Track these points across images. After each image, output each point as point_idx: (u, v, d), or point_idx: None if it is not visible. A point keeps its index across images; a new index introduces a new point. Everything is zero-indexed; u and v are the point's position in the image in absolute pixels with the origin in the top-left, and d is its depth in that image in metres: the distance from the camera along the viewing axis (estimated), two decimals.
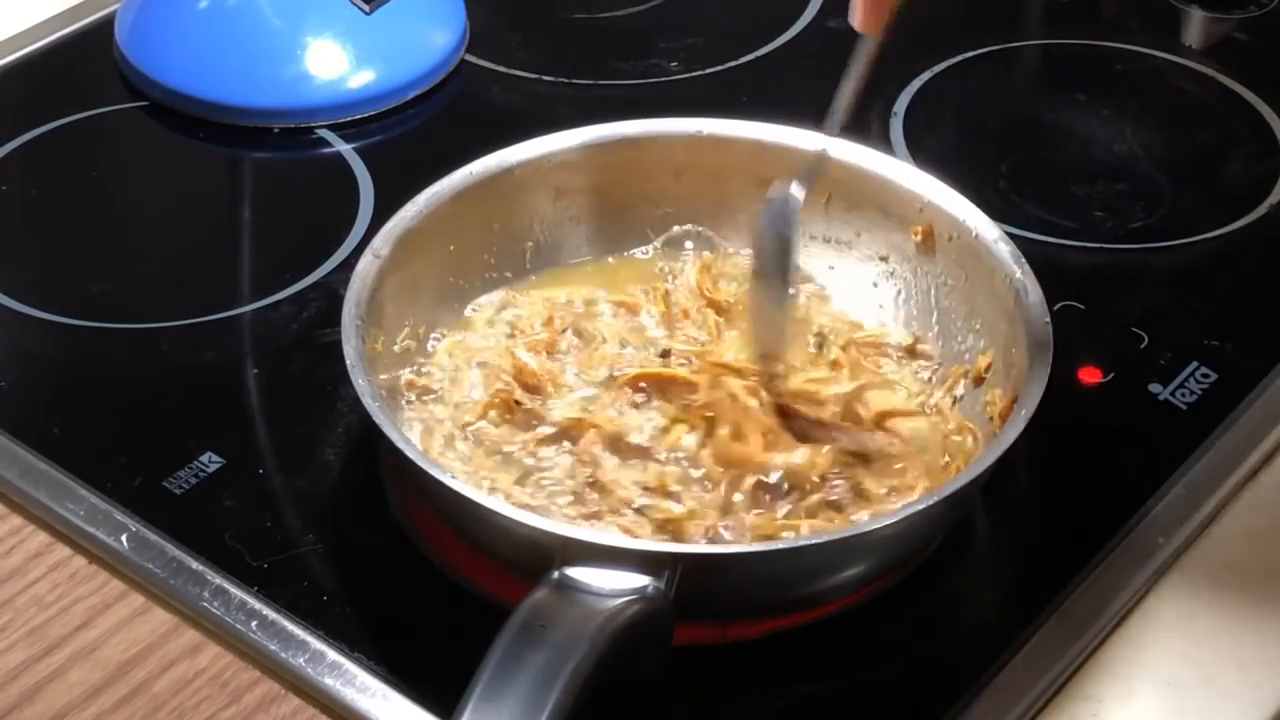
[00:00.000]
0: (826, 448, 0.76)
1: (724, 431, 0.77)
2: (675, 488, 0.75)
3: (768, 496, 0.75)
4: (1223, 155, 1.01)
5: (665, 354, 0.81)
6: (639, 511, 0.74)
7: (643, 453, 0.76)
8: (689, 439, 0.77)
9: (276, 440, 0.81)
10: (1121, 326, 0.88)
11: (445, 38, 1.06)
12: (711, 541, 0.73)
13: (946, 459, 0.77)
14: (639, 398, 0.79)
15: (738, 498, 0.75)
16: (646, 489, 0.75)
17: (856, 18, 0.77)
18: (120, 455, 0.80)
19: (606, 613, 0.64)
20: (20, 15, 1.08)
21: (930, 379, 0.82)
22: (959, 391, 0.80)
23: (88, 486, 0.78)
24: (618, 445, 0.77)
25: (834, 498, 0.75)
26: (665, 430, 0.77)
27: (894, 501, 0.75)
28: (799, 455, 0.76)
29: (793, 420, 0.78)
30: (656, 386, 0.79)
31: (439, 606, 0.74)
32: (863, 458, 0.77)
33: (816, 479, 0.75)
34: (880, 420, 0.79)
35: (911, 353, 0.83)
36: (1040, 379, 0.73)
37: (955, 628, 0.76)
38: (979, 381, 0.80)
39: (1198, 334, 0.87)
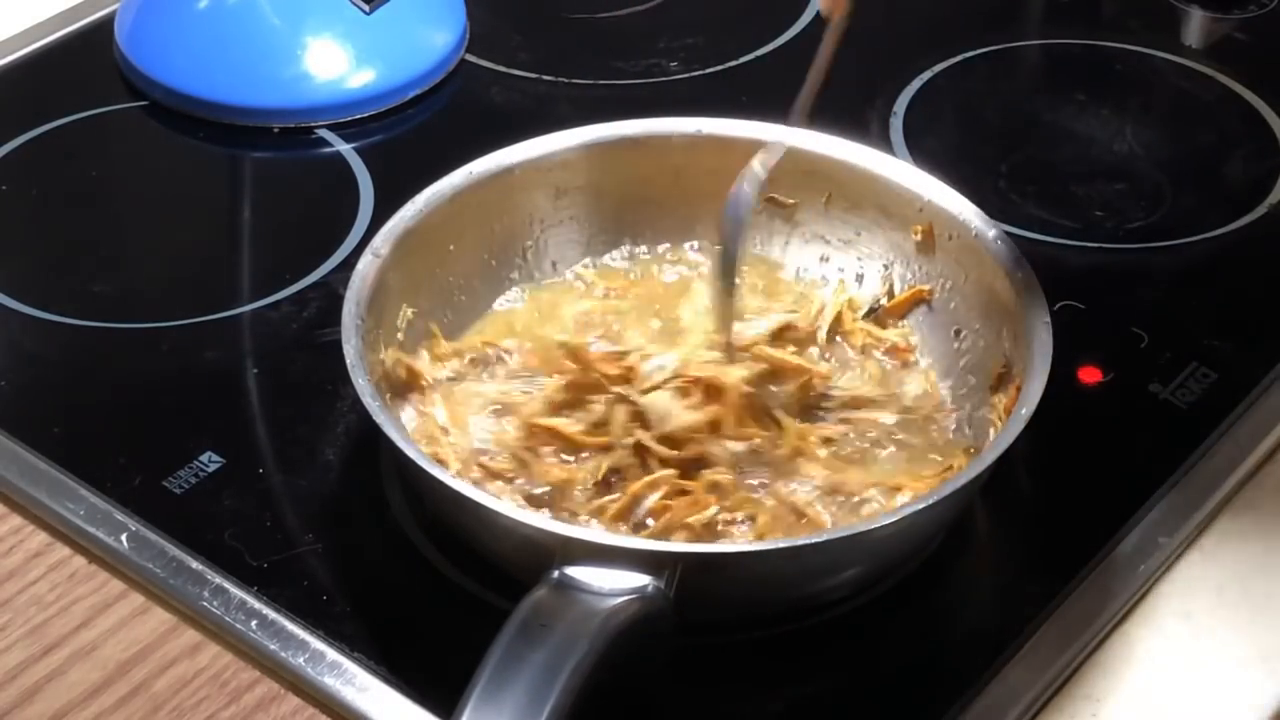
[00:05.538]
0: None
1: None
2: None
3: None
4: (1223, 155, 1.01)
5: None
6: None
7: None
8: None
9: (276, 440, 0.81)
10: (1121, 326, 0.88)
11: (445, 38, 1.06)
12: (714, 538, 0.73)
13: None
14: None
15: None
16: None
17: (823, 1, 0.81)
18: (120, 455, 0.80)
19: (606, 612, 0.64)
20: (20, 15, 1.08)
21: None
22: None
23: (88, 486, 0.78)
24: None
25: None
26: None
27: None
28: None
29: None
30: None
31: (439, 606, 0.74)
32: None
33: None
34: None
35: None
36: (1040, 379, 0.73)
37: (955, 628, 0.76)
38: (995, 389, 0.79)
39: (1198, 334, 0.87)
